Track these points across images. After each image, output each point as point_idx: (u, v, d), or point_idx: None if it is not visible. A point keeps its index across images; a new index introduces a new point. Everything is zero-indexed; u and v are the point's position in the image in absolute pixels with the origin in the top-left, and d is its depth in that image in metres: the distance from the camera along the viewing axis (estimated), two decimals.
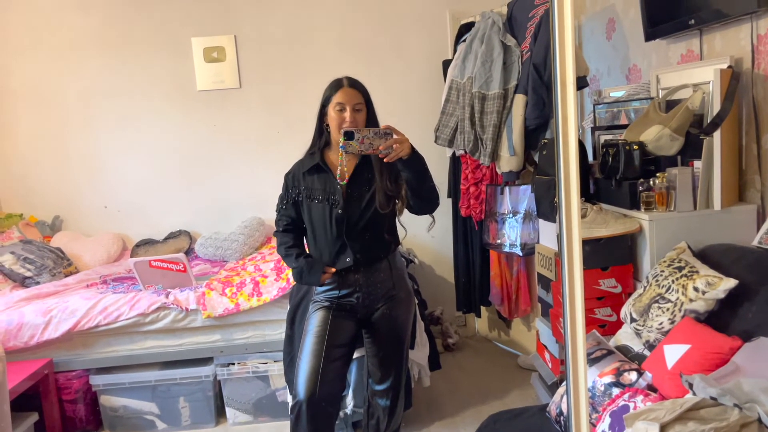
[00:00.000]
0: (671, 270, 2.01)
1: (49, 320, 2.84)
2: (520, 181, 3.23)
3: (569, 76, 0.96)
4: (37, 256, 3.35)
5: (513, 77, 3.13)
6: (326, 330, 2.12)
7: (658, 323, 1.94)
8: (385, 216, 2.11)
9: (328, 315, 2.15)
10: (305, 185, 2.15)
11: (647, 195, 2.28)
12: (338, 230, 2.10)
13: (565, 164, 0.98)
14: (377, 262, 2.15)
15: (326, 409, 2.09)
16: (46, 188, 3.96)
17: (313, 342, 2.11)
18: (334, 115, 2.07)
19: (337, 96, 2.07)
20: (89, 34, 3.89)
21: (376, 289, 2.16)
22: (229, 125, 4.00)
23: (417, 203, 2.10)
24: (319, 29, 3.96)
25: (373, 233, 2.13)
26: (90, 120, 3.95)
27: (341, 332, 2.15)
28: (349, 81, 2.11)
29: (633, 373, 1.82)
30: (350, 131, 1.94)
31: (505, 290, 3.49)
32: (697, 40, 2.58)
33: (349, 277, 2.15)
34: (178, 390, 2.97)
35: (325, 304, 2.17)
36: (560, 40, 0.95)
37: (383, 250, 2.18)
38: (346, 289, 2.16)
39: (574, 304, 1.08)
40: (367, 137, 1.94)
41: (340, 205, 2.08)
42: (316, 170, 2.15)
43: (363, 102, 2.09)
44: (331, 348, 2.10)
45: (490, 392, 3.20)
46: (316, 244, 2.17)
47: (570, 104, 0.97)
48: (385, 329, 2.21)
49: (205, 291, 2.94)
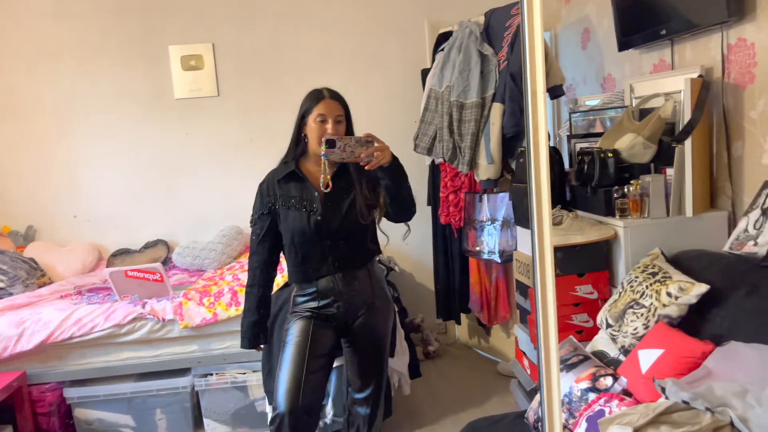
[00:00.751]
0: (645, 276, 2.04)
1: (21, 332, 2.79)
2: (498, 189, 3.26)
3: (539, 85, 0.98)
4: (10, 266, 3.29)
5: (490, 86, 3.16)
6: (307, 340, 2.10)
7: (633, 328, 1.97)
8: (366, 225, 2.11)
9: (308, 325, 2.12)
10: (281, 193, 2.12)
11: (622, 202, 2.31)
12: (317, 237, 2.08)
13: (536, 172, 0.99)
14: (356, 271, 2.14)
15: (307, 420, 2.07)
16: (20, 198, 3.89)
17: (294, 352, 2.09)
18: (315, 127, 2.06)
19: (318, 107, 2.06)
20: (65, 42, 3.85)
21: (355, 298, 2.14)
22: (207, 134, 3.98)
23: (395, 210, 2.10)
24: (297, 38, 3.97)
25: (354, 242, 2.12)
26: (66, 129, 3.90)
27: (321, 342, 2.13)
28: (330, 93, 2.10)
29: (608, 378, 1.84)
30: (332, 139, 1.96)
31: (485, 297, 3.51)
32: (669, 50, 2.63)
33: (329, 287, 2.12)
34: (155, 402, 2.93)
35: (305, 314, 2.15)
36: (530, 50, 0.97)
37: (363, 259, 2.17)
38: (326, 299, 2.13)
39: (547, 310, 1.09)
40: (349, 145, 1.95)
41: (318, 212, 2.07)
42: (292, 178, 2.13)
43: (344, 114, 2.10)
44: (312, 358, 2.08)
45: (470, 399, 3.20)
46: (296, 254, 2.13)
47: (540, 113, 0.98)
48: (364, 338, 2.20)
49: (182, 301, 2.90)
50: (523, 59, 1.00)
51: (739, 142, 2.27)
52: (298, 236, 2.09)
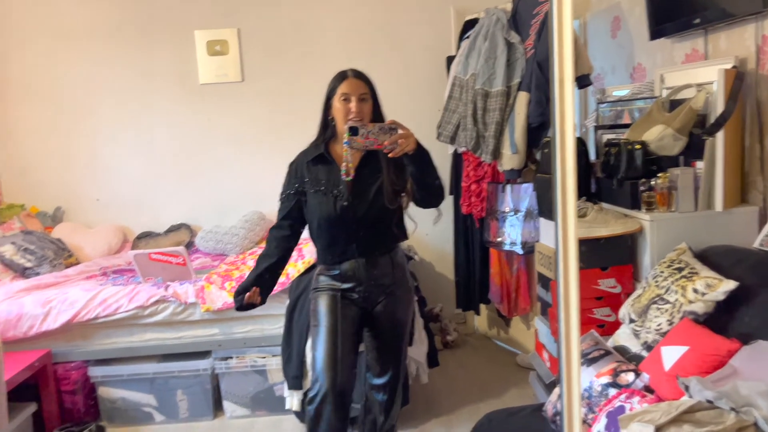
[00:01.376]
0: (671, 271, 2.00)
1: (48, 311, 2.84)
2: (522, 180, 3.22)
3: (567, 73, 0.95)
4: (38, 246, 3.36)
5: (516, 74, 3.11)
6: (336, 317, 2.12)
7: (657, 324, 1.93)
8: (393, 210, 2.10)
9: (335, 304, 2.13)
10: (309, 175, 2.13)
11: (648, 195, 2.27)
12: (343, 223, 2.08)
13: (562, 163, 0.97)
14: (379, 257, 2.15)
15: (347, 397, 2.09)
16: (48, 179, 3.96)
17: (327, 331, 2.10)
18: (339, 106, 2.05)
19: (342, 87, 2.05)
20: (91, 26, 3.88)
21: (377, 284, 2.15)
22: (231, 118, 4.00)
23: (423, 197, 2.08)
24: (322, 24, 3.95)
25: (380, 227, 2.12)
26: (92, 112, 3.94)
27: (350, 319, 2.14)
28: (353, 72, 2.09)
29: (630, 374, 1.82)
30: (355, 127, 1.92)
31: (505, 288, 3.48)
32: (702, 39, 2.56)
33: (351, 271, 2.13)
34: (176, 383, 2.98)
35: (330, 292, 2.15)
36: (559, 36, 0.94)
37: (388, 245, 2.17)
38: (348, 283, 2.14)
39: (569, 304, 1.07)
40: (372, 132, 1.91)
41: (345, 198, 2.07)
42: (321, 161, 2.13)
43: (368, 92, 2.08)
44: (345, 335, 2.11)
45: (487, 390, 3.19)
46: (320, 237, 2.16)
47: (568, 102, 0.95)
48: (384, 324, 2.21)
49: (204, 284, 2.93)
50: (550, 46, 0.97)
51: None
52: (324, 220, 2.10)
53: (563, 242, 1.02)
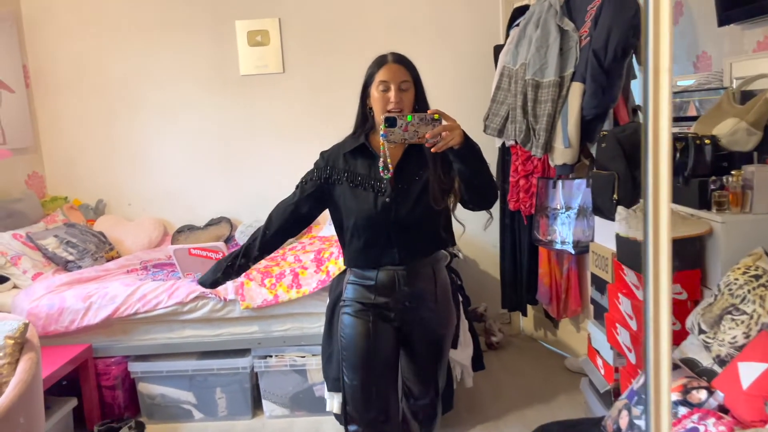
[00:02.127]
0: (747, 278, 1.83)
1: (89, 306, 2.82)
2: (575, 175, 3.05)
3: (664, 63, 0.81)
4: (80, 240, 3.35)
5: (570, 64, 2.94)
6: (370, 348, 1.87)
7: (731, 337, 1.77)
8: (439, 211, 1.84)
9: (367, 327, 1.88)
10: (346, 168, 1.88)
11: (720, 194, 2.08)
12: (384, 221, 1.83)
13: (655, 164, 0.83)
14: (421, 268, 1.89)
15: (388, 428, 1.93)
16: (91, 172, 3.96)
17: (360, 365, 1.88)
18: (377, 96, 1.80)
19: (380, 73, 1.80)
20: (132, 17, 3.86)
21: (416, 301, 1.89)
22: (272, 111, 3.93)
23: (471, 197, 1.81)
24: (365, 12, 3.83)
25: (424, 230, 1.87)
26: (133, 104, 3.93)
27: (386, 347, 1.90)
28: (394, 56, 1.84)
29: (702, 392, 1.66)
30: (392, 117, 1.70)
31: (554, 289, 3.32)
32: None
33: (388, 282, 1.86)
34: (215, 380, 2.93)
35: (358, 309, 1.89)
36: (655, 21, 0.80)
37: (432, 250, 1.92)
38: (383, 297, 1.87)
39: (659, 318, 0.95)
40: (412, 124, 1.68)
41: (387, 193, 1.82)
42: (361, 153, 1.88)
43: (410, 80, 1.82)
44: (380, 369, 1.90)
45: (535, 395, 3.05)
46: (355, 238, 1.87)
47: (664, 94, 0.81)
48: (423, 346, 1.97)
49: (243, 281, 2.87)
50: (643, 31, 0.83)
51: None
52: (362, 218, 1.85)
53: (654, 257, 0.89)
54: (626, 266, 2.25)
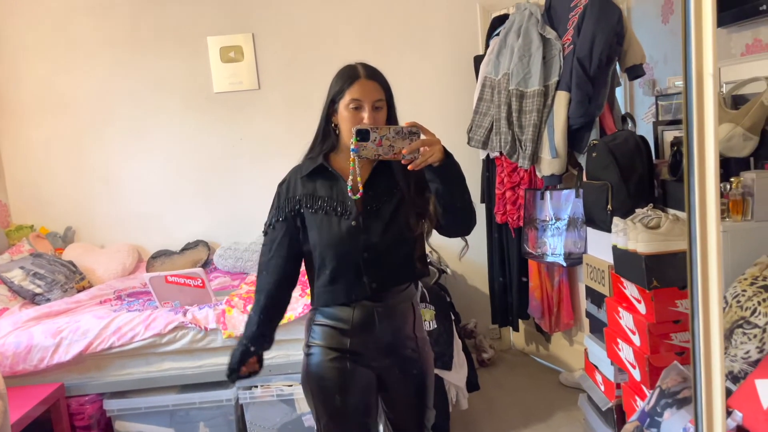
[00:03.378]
0: (756, 289, 1.76)
1: (59, 342, 2.65)
2: (563, 185, 2.99)
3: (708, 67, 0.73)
4: (48, 270, 3.17)
5: (554, 73, 2.89)
6: (347, 400, 1.65)
7: (744, 352, 1.69)
8: (414, 237, 1.64)
9: (343, 378, 1.65)
10: (305, 192, 1.67)
11: (720, 202, 2.02)
12: (352, 249, 1.60)
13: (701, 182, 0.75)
14: (398, 304, 1.67)
15: None
16: (58, 198, 3.78)
17: (336, 420, 1.67)
18: (348, 115, 1.60)
19: (352, 90, 1.60)
20: (100, 36, 3.71)
21: (396, 342, 1.68)
22: (249, 128, 3.80)
23: (449, 222, 1.60)
24: (341, 25, 3.74)
25: (398, 259, 1.64)
26: (103, 126, 3.76)
27: (364, 397, 1.68)
28: (366, 71, 1.63)
29: None
30: (364, 129, 1.51)
31: (546, 303, 3.24)
32: (766, 27, 2.32)
33: (365, 323, 1.63)
34: (198, 414, 2.77)
35: (335, 362, 1.65)
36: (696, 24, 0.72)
37: (410, 283, 1.71)
38: (359, 341, 1.64)
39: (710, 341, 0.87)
40: (387, 138, 1.50)
41: (353, 216, 1.61)
42: (320, 174, 1.67)
43: (384, 98, 1.63)
44: (360, 420, 1.69)
45: (532, 413, 2.96)
46: (322, 270, 1.64)
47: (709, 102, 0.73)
48: (405, 392, 1.75)
49: (225, 308, 2.73)
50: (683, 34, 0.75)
51: None
52: (327, 247, 1.62)
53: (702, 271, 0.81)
54: (626, 279, 2.18)
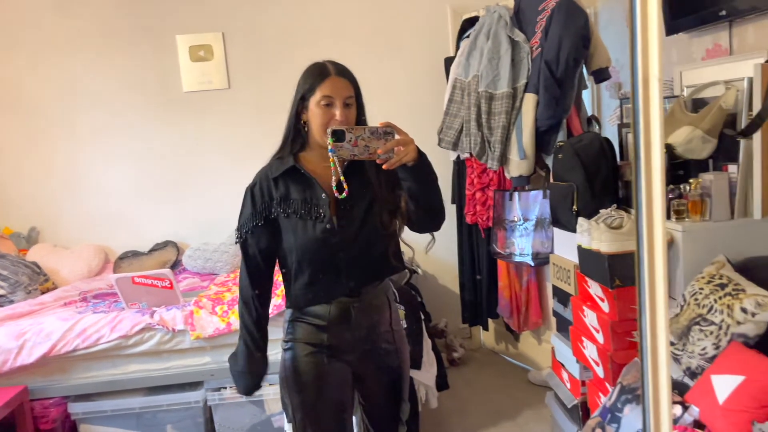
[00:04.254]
0: (712, 287, 1.81)
1: (22, 344, 2.60)
2: (531, 187, 3.03)
3: (653, 71, 0.75)
4: (11, 271, 3.10)
5: (522, 75, 2.93)
6: (323, 394, 1.70)
7: (701, 348, 1.74)
8: (387, 234, 1.68)
9: (318, 372, 1.69)
10: (278, 194, 1.69)
11: (678, 203, 2.08)
12: (328, 251, 1.64)
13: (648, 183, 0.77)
14: (374, 299, 1.72)
15: None
16: (22, 197, 3.70)
17: (311, 413, 1.70)
18: (319, 112, 1.63)
19: (323, 87, 1.63)
20: (67, 34, 3.64)
21: (373, 335, 1.73)
22: (218, 128, 3.77)
23: (420, 218, 1.66)
24: (312, 26, 3.74)
25: (374, 256, 1.69)
26: (69, 125, 3.70)
27: (339, 391, 1.72)
28: (336, 68, 1.68)
29: (677, 407, 1.62)
30: (340, 130, 1.54)
31: (515, 302, 3.28)
32: (726, 33, 2.38)
33: (343, 318, 1.68)
34: (166, 417, 2.74)
35: (311, 356, 1.69)
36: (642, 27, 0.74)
37: (386, 278, 1.75)
38: (336, 335, 1.68)
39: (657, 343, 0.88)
40: (362, 138, 1.53)
41: (327, 219, 1.64)
42: (291, 176, 1.68)
43: (353, 95, 1.67)
44: (335, 415, 1.73)
45: (501, 411, 2.99)
46: (300, 272, 1.67)
47: (655, 105, 0.75)
48: (381, 384, 1.79)
49: (193, 309, 2.71)
50: (630, 38, 0.77)
51: None
52: (304, 250, 1.65)
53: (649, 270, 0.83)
54: (590, 278, 2.22)
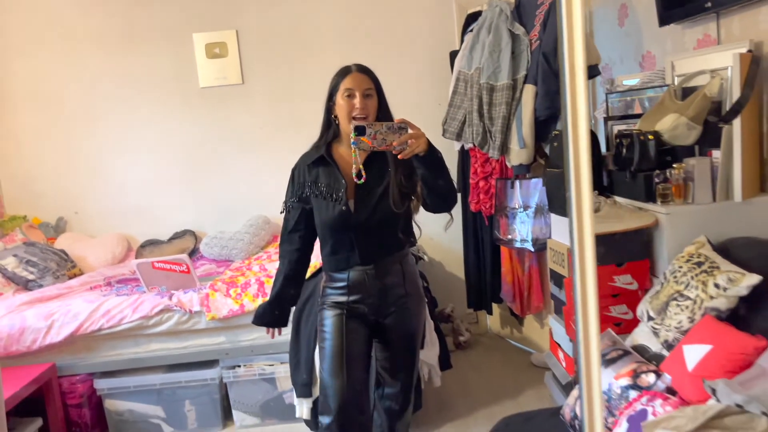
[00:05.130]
0: (690, 266, 1.92)
1: (51, 324, 2.80)
2: (531, 175, 3.14)
3: (579, 62, 0.87)
4: (40, 258, 3.31)
5: (522, 67, 3.04)
6: (342, 340, 2.00)
7: (677, 322, 1.85)
8: (399, 214, 1.97)
9: (341, 323, 2.01)
10: (311, 179, 2.02)
11: (664, 187, 2.18)
12: (345, 228, 1.97)
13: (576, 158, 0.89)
14: (389, 265, 2.02)
15: (362, 419, 2.02)
16: (50, 189, 3.92)
17: (332, 355, 2.00)
18: (343, 103, 1.93)
19: (345, 82, 1.94)
20: (90, 33, 3.84)
21: (386, 295, 2.03)
22: (233, 122, 3.94)
23: (433, 201, 1.95)
24: (322, 22, 3.88)
25: (386, 232, 2.00)
26: (92, 120, 3.90)
27: (357, 339, 2.02)
28: (357, 66, 1.98)
29: (651, 375, 1.74)
30: (361, 126, 1.80)
31: (517, 287, 3.40)
32: (714, 23, 2.46)
33: (359, 281, 2.00)
34: (184, 393, 2.92)
35: (336, 311, 2.03)
36: (568, 23, 0.86)
37: (396, 251, 2.05)
38: (356, 294, 2.01)
39: (587, 304, 1.00)
40: (380, 132, 1.79)
41: (343, 201, 1.95)
42: (321, 163, 2.01)
43: (373, 87, 1.96)
44: (351, 358, 2.00)
45: (502, 392, 3.12)
46: (324, 244, 2.04)
47: (580, 92, 0.88)
48: (396, 336, 2.10)
49: (209, 292, 2.88)
50: (559, 34, 0.90)
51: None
52: (326, 226, 2.01)
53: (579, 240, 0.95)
54: None
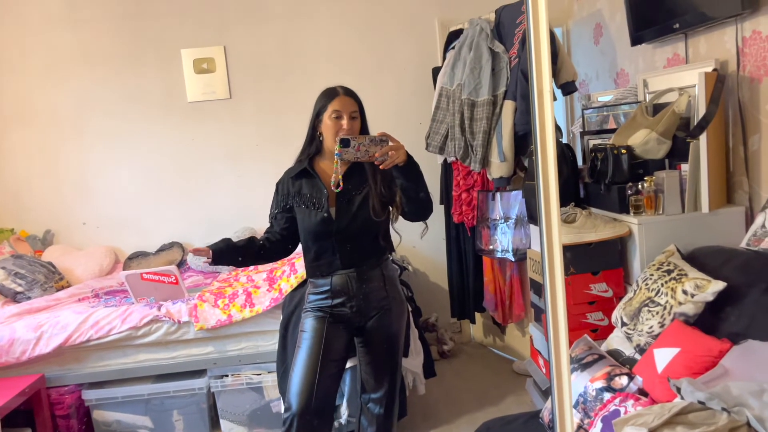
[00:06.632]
0: (660, 273, 2.02)
1: (40, 335, 2.82)
2: (511, 187, 3.24)
3: (545, 85, 0.97)
4: (28, 270, 3.34)
5: (502, 83, 3.14)
6: (321, 342, 2.10)
7: (648, 327, 1.94)
8: (379, 222, 2.10)
9: (322, 326, 2.12)
10: (294, 190, 2.15)
11: (636, 199, 2.29)
12: (326, 234, 2.09)
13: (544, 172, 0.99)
14: (369, 270, 2.14)
15: (319, 422, 2.08)
16: (37, 202, 3.94)
17: (308, 354, 2.10)
18: (330, 123, 2.06)
19: (333, 104, 2.07)
20: (78, 49, 3.89)
21: (368, 298, 2.13)
22: (220, 136, 4.00)
23: (411, 210, 2.08)
24: (308, 39, 3.97)
25: (365, 240, 2.12)
26: (81, 134, 3.94)
27: (335, 344, 2.12)
28: (344, 89, 2.12)
29: (624, 378, 1.82)
30: (346, 139, 1.95)
31: (499, 296, 3.49)
32: (683, 43, 2.60)
33: (342, 285, 2.12)
34: (172, 403, 2.96)
35: (318, 314, 2.14)
36: (536, 49, 0.96)
37: (376, 257, 2.16)
38: (339, 297, 2.12)
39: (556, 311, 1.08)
40: (363, 144, 1.94)
41: (325, 209, 2.08)
42: (304, 175, 2.15)
43: (358, 110, 2.10)
44: (326, 361, 2.09)
45: (485, 399, 3.19)
46: (307, 251, 2.16)
47: (547, 113, 0.97)
48: (378, 338, 2.19)
49: (197, 303, 2.92)
50: (528, 57, 0.99)
51: (755, 135, 2.23)
52: (309, 233, 2.13)
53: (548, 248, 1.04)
54: None
